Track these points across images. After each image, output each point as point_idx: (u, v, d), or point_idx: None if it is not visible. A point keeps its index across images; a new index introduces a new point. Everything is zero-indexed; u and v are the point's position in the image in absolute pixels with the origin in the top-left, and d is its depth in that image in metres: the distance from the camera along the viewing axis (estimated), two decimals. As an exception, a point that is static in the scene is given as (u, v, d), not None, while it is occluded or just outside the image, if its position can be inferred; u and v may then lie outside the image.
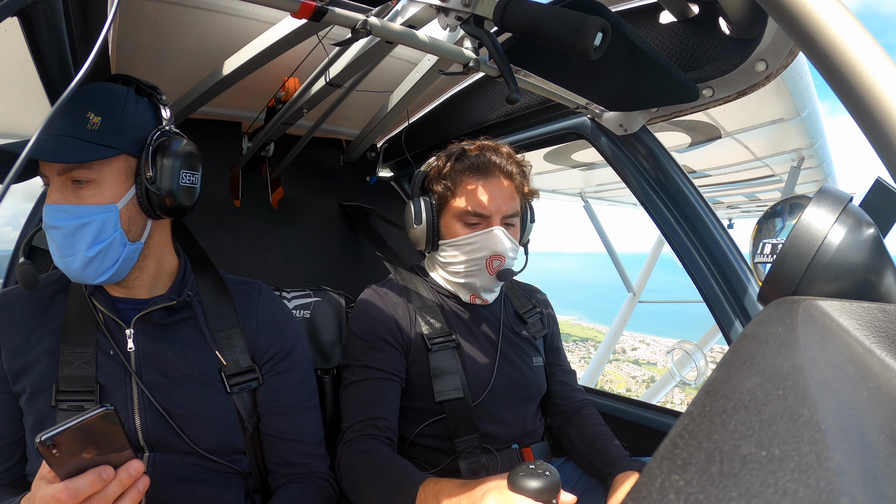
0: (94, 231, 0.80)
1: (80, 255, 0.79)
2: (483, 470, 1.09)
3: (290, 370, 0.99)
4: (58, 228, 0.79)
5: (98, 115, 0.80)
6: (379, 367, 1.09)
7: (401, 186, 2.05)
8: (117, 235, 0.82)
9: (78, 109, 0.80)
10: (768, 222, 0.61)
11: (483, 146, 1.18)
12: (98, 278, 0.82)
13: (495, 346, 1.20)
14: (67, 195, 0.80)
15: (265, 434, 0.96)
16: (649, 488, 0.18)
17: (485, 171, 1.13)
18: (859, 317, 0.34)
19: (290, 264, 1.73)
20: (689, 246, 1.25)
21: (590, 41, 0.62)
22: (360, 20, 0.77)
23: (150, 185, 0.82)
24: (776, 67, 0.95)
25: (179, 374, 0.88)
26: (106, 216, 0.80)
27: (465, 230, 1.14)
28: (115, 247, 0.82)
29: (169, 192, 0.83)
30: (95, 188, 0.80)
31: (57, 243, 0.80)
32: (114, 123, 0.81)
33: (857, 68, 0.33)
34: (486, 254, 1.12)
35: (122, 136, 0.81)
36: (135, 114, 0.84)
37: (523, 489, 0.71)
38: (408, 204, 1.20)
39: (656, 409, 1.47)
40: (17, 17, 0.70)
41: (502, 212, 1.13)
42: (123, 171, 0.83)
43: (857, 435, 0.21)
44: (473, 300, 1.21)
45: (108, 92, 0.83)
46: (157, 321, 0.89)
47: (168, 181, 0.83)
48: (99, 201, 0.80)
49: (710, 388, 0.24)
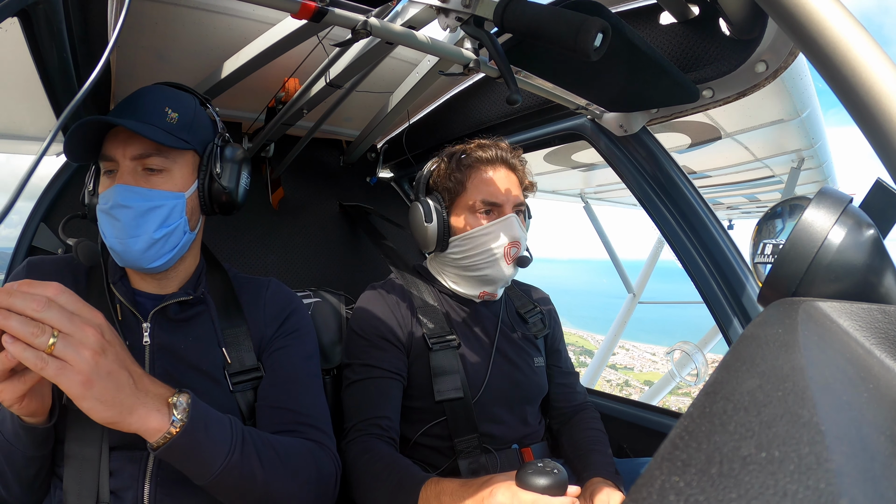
0: (164, 214, 0.84)
1: (146, 236, 0.82)
2: (483, 470, 1.09)
3: (289, 346, 0.98)
4: (128, 208, 0.81)
5: (175, 111, 0.86)
6: (380, 365, 1.09)
7: (401, 187, 2.05)
8: (182, 222, 0.87)
9: (156, 103, 0.85)
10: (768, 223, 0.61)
11: (481, 143, 1.21)
12: (154, 262, 0.84)
13: (493, 344, 1.20)
14: (138, 179, 0.84)
15: (260, 407, 0.91)
16: (649, 489, 0.18)
17: (492, 164, 1.18)
18: (859, 318, 0.34)
19: (290, 265, 1.73)
20: (689, 247, 1.25)
21: (590, 42, 0.62)
22: (360, 21, 0.77)
23: (217, 180, 0.90)
24: (776, 68, 0.95)
25: (190, 369, 0.88)
26: (175, 202, 0.85)
27: (480, 221, 1.15)
28: (178, 233, 0.86)
29: (229, 190, 0.91)
30: (167, 176, 0.85)
31: (123, 223, 0.81)
32: (188, 121, 0.87)
33: (857, 68, 0.33)
34: (505, 241, 1.13)
35: (194, 133, 0.88)
36: (201, 117, 0.92)
37: (532, 486, 0.72)
38: (413, 205, 1.20)
39: (656, 409, 1.47)
40: (17, 17, 0.70)
41: (513, 200, 1.16)
42: (191, 166, 0.89)
43: (857, 436, 0.21)
44: (483, 296, 1.21)
45: (181, 94, 0.91)
46: (172, 316, 0.90)
47: (230, 179, 0.91)
48: (170, 188, 0.85)
49: (709, 389, 0.24)
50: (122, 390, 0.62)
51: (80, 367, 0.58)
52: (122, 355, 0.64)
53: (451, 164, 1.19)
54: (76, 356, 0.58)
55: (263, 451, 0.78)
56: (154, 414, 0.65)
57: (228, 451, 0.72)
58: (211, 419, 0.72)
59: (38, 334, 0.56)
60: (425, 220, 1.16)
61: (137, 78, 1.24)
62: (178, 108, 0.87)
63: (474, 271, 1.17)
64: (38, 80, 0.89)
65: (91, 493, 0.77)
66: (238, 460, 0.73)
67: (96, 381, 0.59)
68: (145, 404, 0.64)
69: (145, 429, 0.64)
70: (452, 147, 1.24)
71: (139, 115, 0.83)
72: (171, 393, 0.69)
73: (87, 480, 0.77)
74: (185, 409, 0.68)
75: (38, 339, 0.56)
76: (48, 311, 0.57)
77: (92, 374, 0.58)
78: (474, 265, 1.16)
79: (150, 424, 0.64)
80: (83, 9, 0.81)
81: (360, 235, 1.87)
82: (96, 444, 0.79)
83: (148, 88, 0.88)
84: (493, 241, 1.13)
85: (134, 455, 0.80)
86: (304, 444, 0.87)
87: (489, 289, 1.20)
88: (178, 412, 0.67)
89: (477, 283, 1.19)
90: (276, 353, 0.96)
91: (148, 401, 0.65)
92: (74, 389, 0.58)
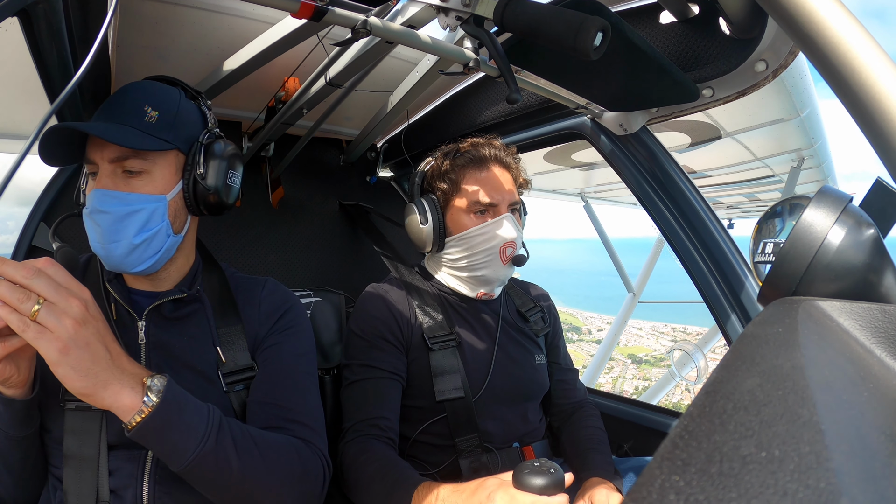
0: (143, 219, 0.82)
1: (125, 242, 0.81)
2: (484, 469, 1.09)
3: (281, 343, 0.96)
4: (106, 213, 0.80)
5: (155, 109, 0.83)
6: (380, 366, 1.09)
7: (400, 186, 2.05)
8: (164, 226, 0.84)
9: (136, 102, 0.83)
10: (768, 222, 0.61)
11: (474, 142, 1.20)
12: (137, 267, 0.83)
13: (494, 342, 1.20)
14: (118, 182, 0.82)
15: (249, 403, 0.90)
16: (649, 489, 0.18)
17: (485, 163, 1.17)
18: (859, 317, 0.34)
19: (290, 264, 1.73)
20: (689, 246, 1.25)
21: (590, 41, 0.62)
22: (360, 20, 0.77)
23: (200, 180, 0.86)
24: (776, 67, 0.95)
25: (184, 367, 0.88)
26: (156, 206, 0.83)
27: (475, 221, 1.15)
28: (160, 237, 0.84)
29: (215, 189, 0.87)
30: (147, 178, 0.83)
31: (102, 228, 0.81)
32: (169, 119, 0.84)
33: (857, 68, 0.33)
34: (500, 241, 1.13)
35: (177, 131, 0.85)
36: (187, 112, 0.88)
37: (528, 486, 0.72)
38: (409, 205, 1.20)
39: (656, 409, 1.47)
40: (17, 17, 0.70)
41: (508, 199, 1.16)
42: (174, 165, 0.86)
43: (857, 435, 0.21)
44: (480, 296, 1.21)
45: (164, 89, 0.87)
46: (167, 314, 0.89)
47: (215, 178, 0.87)
48: (150, 191, 0.83)
49: (710, 388, 0.24)
50: (97, 363, 0.63)
51: (59, 334, 0.60)
52: (104, 331, 0.66)
53: (444, 164, 1.19)
54: (57, 323, 0.60)
55: (241, 442, 0.76)
56: (127, 391, 0.66)
57: (203, 436, 0.72)
58: (187, 403, 0.72)
59: (24, 300, 0.59)
60: (420, 221, 1.16)
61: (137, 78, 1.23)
62: (159, 106, 0.84)
63: (471, 272, 1.17)
64: (38, 80, 0.89)
65: (91, 492, 0.77)
66: (213, 447, 0.72)
67: (73, 350, 0.61)
68: (120, 381, 0.65)
69: (118, 405, 0.65)
70: (446, 146, 1.23)
71: (118, 116, 0.81)
72: (147, 374, 0.69)
73: (86, 480, 0.77)
74: (160, 391, 0.68)
75: (23, 304, 0.59)
76: (36, 279, 0.60)
77: (69, 342, 0.61)
78: (470, 266, 1.16)
79: (122, 401, 0.65)
80: (83, 9, 0.81)
81: (360, 235, 1.87)
82: (94, 443, 0.79)
83: (130, 86, 0.86)
84: (489, 241, 1.13)
85: (132, 454, 0.80)
86: (288, 440, 0.85)
87: (486, 289, 1.20)
88: (153, 394, 0.68)
89: (474, 284, 1.19)
90: (268, 350, 0.95)
91: (123, 378, 0.66)
92: (51, 355, 0.60)
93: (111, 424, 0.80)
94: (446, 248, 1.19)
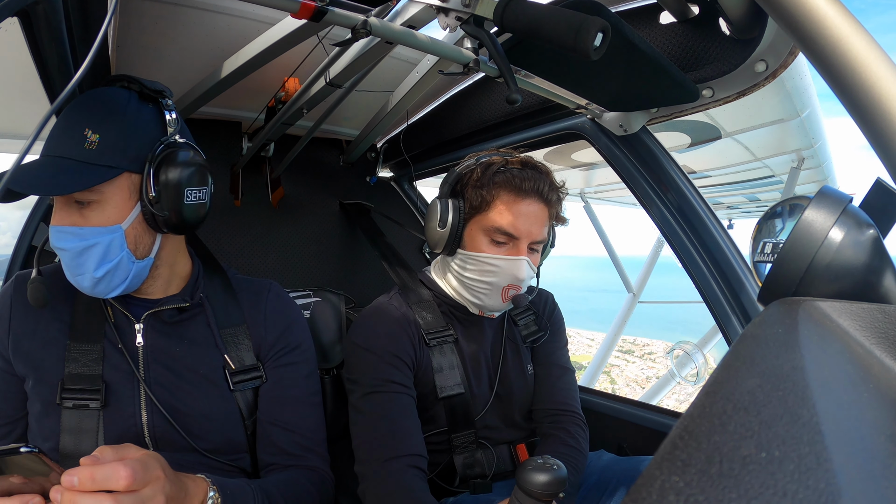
0: (101, 252, 0.78)
1: (88, 276, 0.79)
2: (478, 465, 1.10)
3: (294, 363, 0.98)
4: (64, 251, 0.78)
5: (96, 131, 0.75)
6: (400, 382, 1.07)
7: (400, 187, 2.05)
8: (124, 255, 0.80)
9: (74, 126, 0.76)
10: (768, 223, 0.61)
11: (526, 162, 1.11)
12: (110, 294, 0.82)
13: (496, 349, 1.20)
14: (72, 216, 0.78)
15: (263, 423, 0.92)
16: (649, 489, 0.18)
17: (524, 192, 1.06)
18: (859, 318, 0.34)
19: (290, 264, 1.73)
20: (689, 246, 1.25)
21: (590, 41, 0.62)
22: (359, 20, 0.77)
23: (152, 205, 0.79)
24: (776, 67, 0.95)
25: (186, 371, 0.88)
26: (111, 237, 0.78)
27: (490, 248, 1.07)
28: (123, 266, 0.80)
29: (173, 212, 0.80)
30: (99, 208, 0.78)
31: (65, 263, 0.80)
32: (113, 139, 0.76)
33: (857, 68, 0.33)
34: (505, 281, 1.07)
35: (123, 152, 0.77)
36: (136, 124, 0.79)
37: (532, 483, 0.72)
38: (434, 202, 1.14)
39: (656, 409, 1.47)
40: (17, 17, 0.70)
41: (532, 237, 1.07)
42: (127, 190, 0.79)
43: (857, 436, 0.21)
44: (481, 314, 1.18)
45: (108, 102, 0.79)
46: (167, 318, 0.89)
47: (172, 201, 0.79)
48: (103, 222, 0.78)
49: (710, 388, 0.24)
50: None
51: None
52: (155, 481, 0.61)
53: (483, 177, 1.08)
54: None
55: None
56: None
57: None
58: (238, 500, 0.74)
59: None
60: (439, 224, 1.10)
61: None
62: (101, 125, 0.76)
63: (469, 291, 1.13)
64: (38, 80, 0.89)
65: None
66: None
67: None
68: None
69: None
70: (491, 156, 1.12)
71: (59, 144, 0.75)
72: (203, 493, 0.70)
73: None
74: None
75: None
76: None
77: None
78: (471, 287, 1.12)
79: None
80: (83, 9, 0.81)
81: (360, 235, 1.87)
82: (92, 442, 0.79)
83: (75, 103, 0.79)
84: (495, 276, 1.07)
85: None
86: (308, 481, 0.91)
87: (483, 311, 1.17)
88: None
89: (471, 304, 1.16)
90: (281, 370, 0.96)
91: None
92: None
93: (109, 423, 0.81)
94: (456, 257, 1.14)
